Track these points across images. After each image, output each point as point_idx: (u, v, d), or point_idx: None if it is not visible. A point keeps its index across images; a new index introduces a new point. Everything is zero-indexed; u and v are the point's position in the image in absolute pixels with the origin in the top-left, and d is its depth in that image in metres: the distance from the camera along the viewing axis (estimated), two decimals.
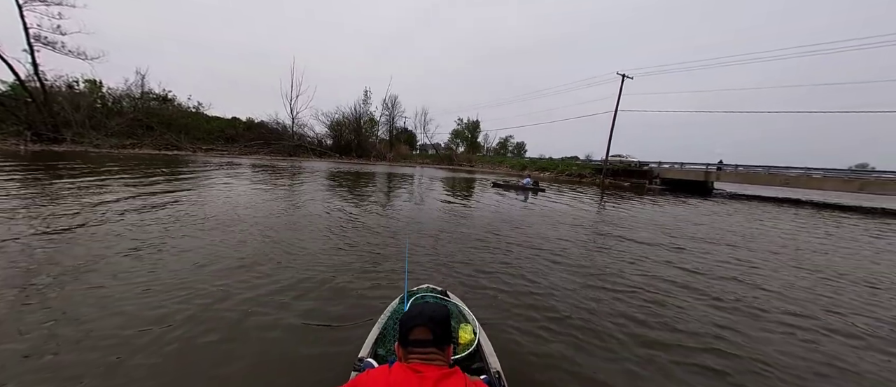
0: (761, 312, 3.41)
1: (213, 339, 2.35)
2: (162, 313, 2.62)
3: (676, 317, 3.16)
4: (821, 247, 6.95)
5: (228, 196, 8.31)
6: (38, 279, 3.06)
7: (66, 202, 6.26)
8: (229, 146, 33.25)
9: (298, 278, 3.50)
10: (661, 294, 3.70)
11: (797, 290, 4.15)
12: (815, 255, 6.18)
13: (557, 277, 4.09)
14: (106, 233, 4.56)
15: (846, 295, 4.06)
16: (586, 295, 3.56)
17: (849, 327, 3.17)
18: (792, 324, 3.17)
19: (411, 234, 5.82)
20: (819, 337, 2.95)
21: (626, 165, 30.82)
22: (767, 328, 3.06)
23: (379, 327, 1.99)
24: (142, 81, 32.18)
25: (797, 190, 24.86)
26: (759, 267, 5.07)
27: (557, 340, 2.63)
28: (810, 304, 3.72)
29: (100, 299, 2.78)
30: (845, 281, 4.62)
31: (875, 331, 3.12)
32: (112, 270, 3.36)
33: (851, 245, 7.36)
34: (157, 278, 3.25)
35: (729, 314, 3.31)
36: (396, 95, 54.30)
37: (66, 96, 26.45)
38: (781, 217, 11.88)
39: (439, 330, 1.09)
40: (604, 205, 12.58)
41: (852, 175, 21.51)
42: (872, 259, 6.11)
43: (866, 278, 4.80)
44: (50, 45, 23.24)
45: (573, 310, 3.17)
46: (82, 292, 2.89)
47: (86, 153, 19.63)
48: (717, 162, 26.16)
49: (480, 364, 1.77)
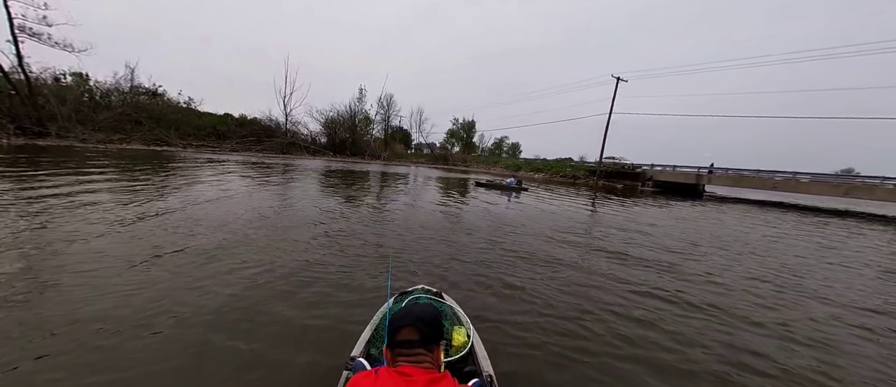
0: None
1: (201, 338, 2.26)
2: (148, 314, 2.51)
3: (671, 322, 3.14)
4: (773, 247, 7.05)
5: (210, 198, 8.11)
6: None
7: (43, 202, 6.05)
8: (220, 143, 32.77)
9: (285, 279, 3.41)
10: (652, 299, 3.69)
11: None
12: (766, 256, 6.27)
13: (550, 279, 4.05)
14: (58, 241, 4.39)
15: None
16: (584, 296, 3.53)
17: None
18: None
19: (399, 233, 5.75)
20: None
21: (619, 167, 31.07)
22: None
23: (371, 326, 1.98)
24: (131, 75, 31.57)
25: (785, 194, 25.33)
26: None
27: (553, 344, 2.58)
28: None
29: (63, 302, 2.65)
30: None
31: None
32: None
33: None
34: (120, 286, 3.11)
35: (724, 326, 3.30)
36: (392, 94, 54.02)
37: (52, 89, 25.74)
38: (766, 220, 12.07)
39: (427, 330, 1.05)
40: (595, 207, 12.65)
41: (839, 180, 22.00)
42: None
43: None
44: (35, 36, 22.61)
45: (566, 311, 3.13)
46: (55, 302, 2.76)
47: (71, 148, 19.16)
48: (709, 165, 26.55)
49: (473, 367, 1.74)
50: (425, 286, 2.46)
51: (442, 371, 1.03)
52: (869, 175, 20.67)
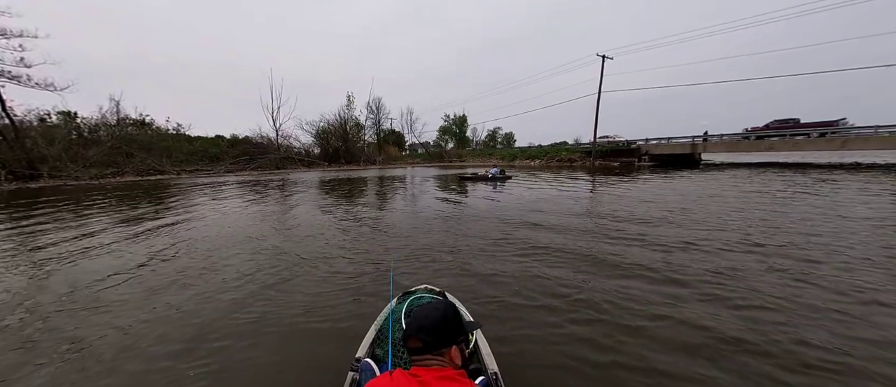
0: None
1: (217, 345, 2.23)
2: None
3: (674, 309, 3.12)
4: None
5: (208, 224, 8.07)
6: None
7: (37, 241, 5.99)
8: (214, 165, 32.63)
9: (284, 283, 3.37)
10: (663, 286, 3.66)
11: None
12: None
13: (552, 273, 4.03)
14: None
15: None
16: (585, 289, 3.51)
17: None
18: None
19: (398, 234, 5.72)
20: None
21: (614, 145, 31.08)
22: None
23: (375, 327, 1.98)
24: (117, 108, 31.33)
25: (781, 154, 25.35)
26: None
27: (556, 340, 2.57)
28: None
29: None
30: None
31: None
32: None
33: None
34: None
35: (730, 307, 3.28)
36: (380, 97, 53.88)
37: (39, 130, 25.62)
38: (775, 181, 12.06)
39: (430, 338, 1.12)
40: (595, 188, 12.63)
41: (833, 135, 21.96)
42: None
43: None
44: (14, 79, 22.37)
45: (570, 305, 3.12)
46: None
47: (63, 187, 19.05)
48: (703, 133, 26.55)
49: (478, 365, 1.75)
50: (428, 286, 2.45)
51: (458, 369, 1.10)
52: (863, 126, 20.68)
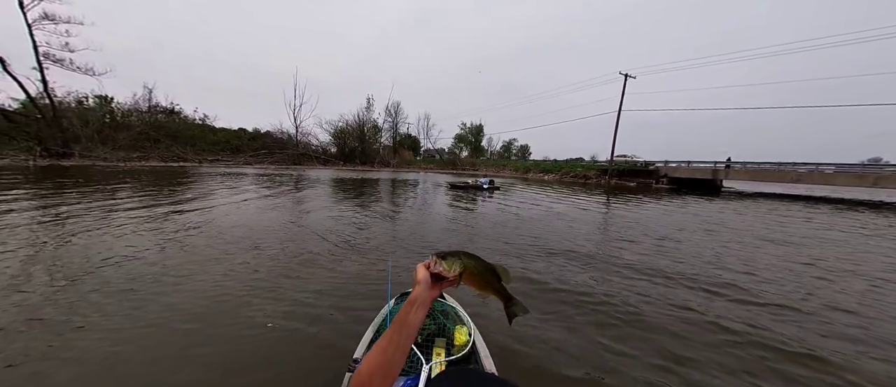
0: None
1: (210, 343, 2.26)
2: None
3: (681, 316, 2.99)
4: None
5: (226, 211, 8.26)
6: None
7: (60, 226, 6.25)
8: (234, 157, 33.67)
9: (284, 284, 3.41)
10: (663, 299, 3.53)
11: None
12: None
13: (552, 275, 3.94)
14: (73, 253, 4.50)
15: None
16: (584, 292, 3.41)
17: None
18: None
19: (398, 234, 5.71)
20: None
21: (631, 164, 30.52)
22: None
23: (373, 328, 1.96)
24: (149, 95, 32.87)
25: (809, 187, 24.35)
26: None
27: (551, 339, 2.49)
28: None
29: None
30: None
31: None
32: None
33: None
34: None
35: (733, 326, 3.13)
36: (399, 102, 54.83)
37: (76, 112, 27.03)
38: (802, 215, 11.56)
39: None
40: (610, 206, 12.39)
41: (866, 170, 20.97)
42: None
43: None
44: (58, 62, 23.81)
45: (571, 308, 3.02)
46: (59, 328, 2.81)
47: (92, 167, 19.93)
48: (726, 159, 25.77)
49: (476, 366, 1.72)
50: None
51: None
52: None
